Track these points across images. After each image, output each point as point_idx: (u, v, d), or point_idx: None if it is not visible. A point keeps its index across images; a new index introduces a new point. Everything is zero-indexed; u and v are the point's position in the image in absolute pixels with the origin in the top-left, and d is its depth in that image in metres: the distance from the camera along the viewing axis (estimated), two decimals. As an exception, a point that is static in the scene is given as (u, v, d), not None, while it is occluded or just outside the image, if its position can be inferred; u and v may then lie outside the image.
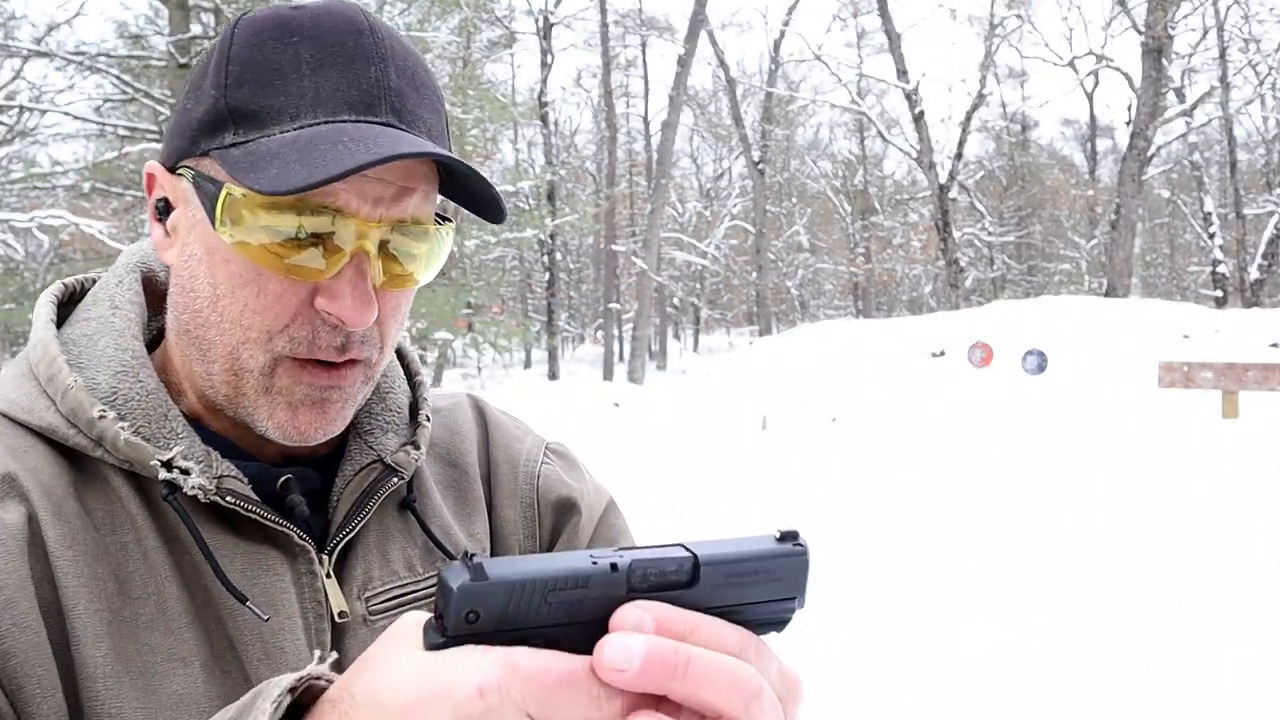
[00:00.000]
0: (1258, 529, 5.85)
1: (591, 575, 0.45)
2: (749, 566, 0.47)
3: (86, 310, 0.83)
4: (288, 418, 0.75)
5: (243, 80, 0.72)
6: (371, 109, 0.72)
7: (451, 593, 0.43)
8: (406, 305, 0.80)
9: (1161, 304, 19.14)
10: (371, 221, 0.71)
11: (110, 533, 0.72)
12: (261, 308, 0.72)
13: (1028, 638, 4.45)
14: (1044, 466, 7.90)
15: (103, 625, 0.69)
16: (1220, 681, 3.89)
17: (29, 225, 15.03)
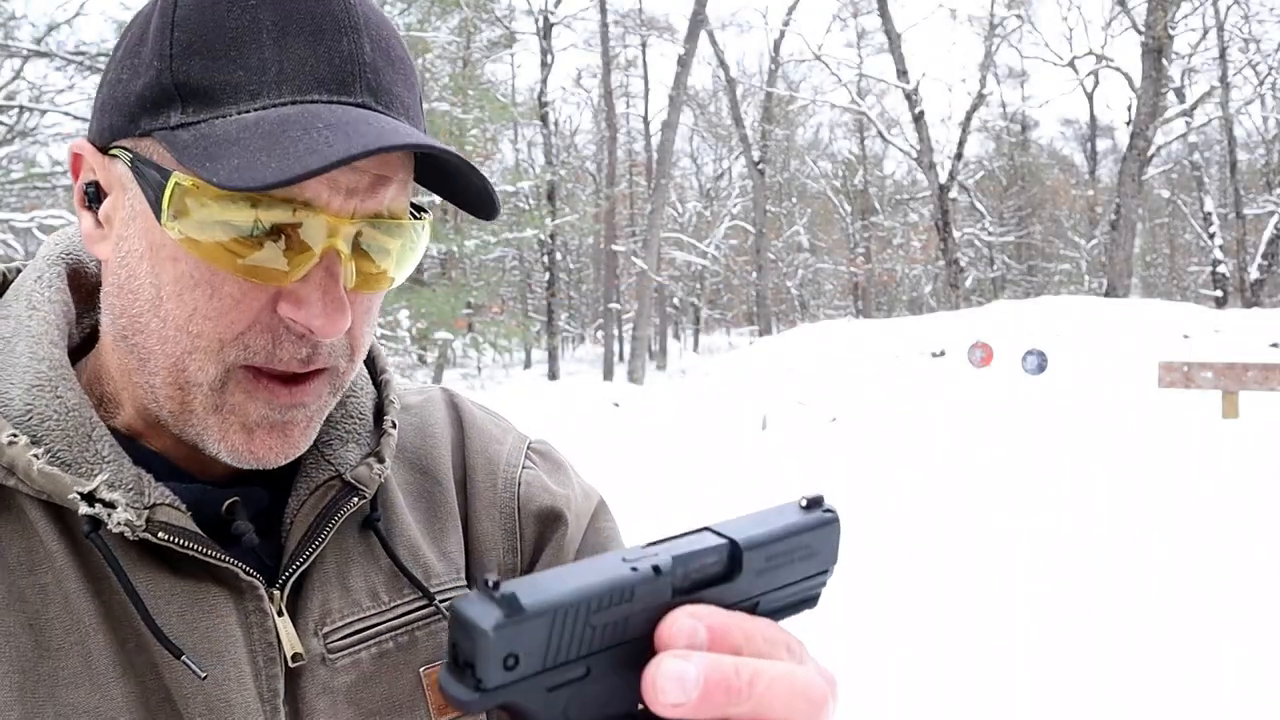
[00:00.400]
0: (1258, 529, 5.85)
1: (636, 585, 0.39)
2: (786, 545, 0.43)
3: (5, 308, 0.71)
4: (242, 441, 0.65)
5: (191, 50, 0.60)
6: (345, 87, 0.62)
7: (484, 638, 0.35)
8: (378, 307, 0.70)
9: (1161, 304, 19.14)
10: (343, 216, 0.62)
11: (27, 574, 0.62)
12: (214, 313, 0.62)
13: (1028, 638, 4.45)
14: (1044, 466, 7.90)
15: (12, 691, 0.60)
16: (1220, 681, 3.89)
17: (29, 225, 15.03)
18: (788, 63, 35.33)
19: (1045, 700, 3.84)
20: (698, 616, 0.40)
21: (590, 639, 0.38)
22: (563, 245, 35.69)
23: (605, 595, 0.38)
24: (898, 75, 25.11)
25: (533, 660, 0.36)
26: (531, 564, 0.83)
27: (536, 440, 0.90)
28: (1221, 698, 3.77)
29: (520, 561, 0.83)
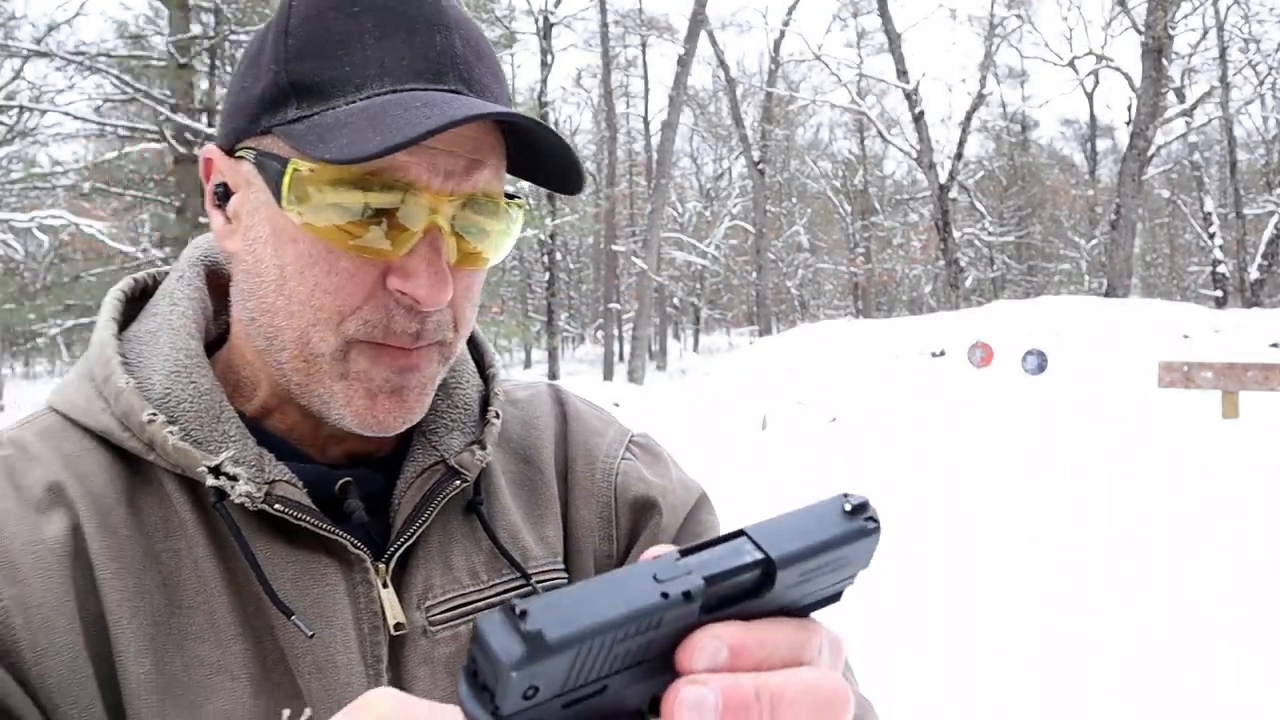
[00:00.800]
0: (1258, 529, 5.85)
1: (664, 612, 0.38)
2: (823, 560, 0.41)
3: (153, 307, 0.80)
4: (366, 406, 0.71)
5: (304, 53, 0.69)
6: (440, 77, 0.70)
7: (505, 675, 0.35)
8: (478, 287, 0.77)
9: (1161, 304, 19.13)
10: (443, 195, 0.69)
11: (163, 539, 0.70)
12: (333, 288, 0.69)
13: (1028, 637, 4.45)
14: (1044, 466, 7.90)
15: (145, 640, 0.66)
16: (1220, 681, 3.89)
17: (29, 225, 15.03)
18: (788, 63, 35.34)
19: (1045, 700, 3.84)
20: (720, 637, 0.39)
21: (613, 663, 0.37)
22: (563, 245, 35.69)
23: (632, 624, 0.37)
24: (898, 75, 25.10)
25: (552, 688, 0.36)
26: (626, 551, 0.88)
27: (638, 433, 0.95)
28: (1221, 697, 3.77)
29: (615, 549, 0.88)
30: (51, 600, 0.64)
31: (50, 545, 0.66)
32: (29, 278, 17.93)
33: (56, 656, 0.63)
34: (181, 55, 14.19)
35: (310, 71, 0.68)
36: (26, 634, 0.63)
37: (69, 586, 0.65)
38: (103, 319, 0.78)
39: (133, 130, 14.93)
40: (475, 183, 0.70)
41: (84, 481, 0.69)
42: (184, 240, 14.12)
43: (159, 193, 15.91)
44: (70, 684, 0.64)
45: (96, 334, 0.77)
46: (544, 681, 0.36)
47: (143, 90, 14.29)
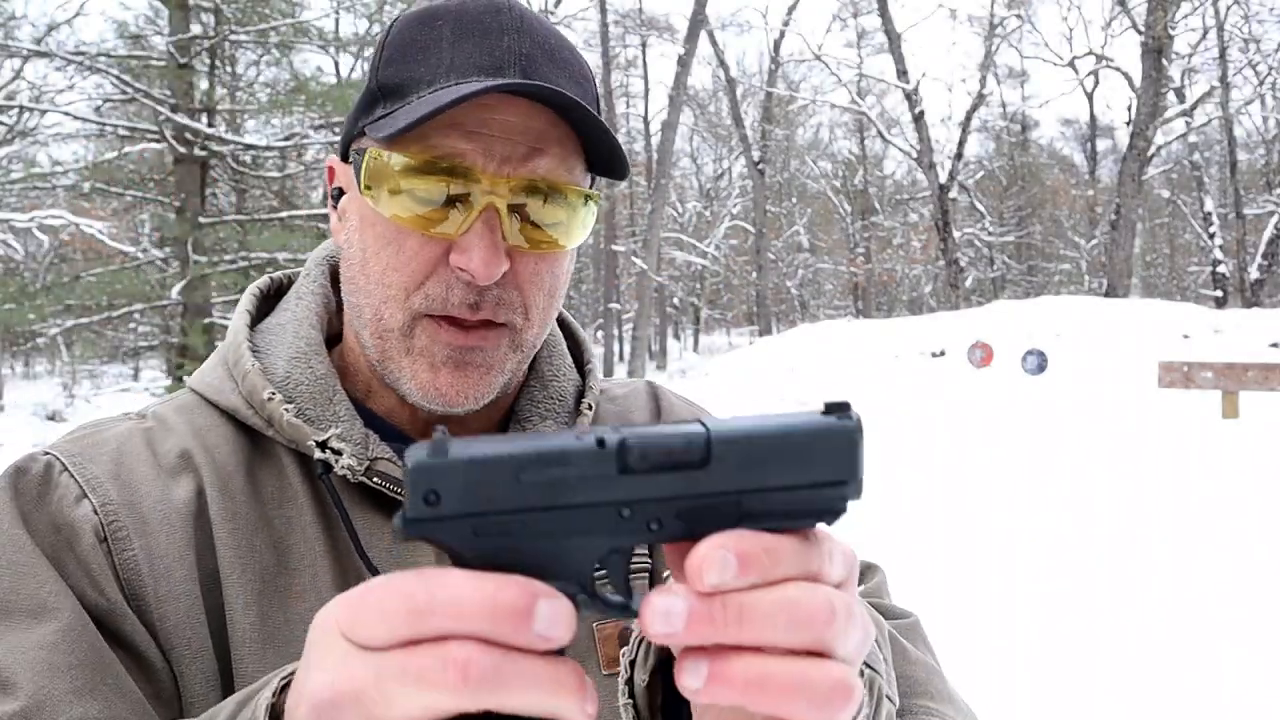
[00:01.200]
0: (1258, 529, 5.85)
1: (571, 452, 0.39)
2: (775, 443, 0.41)
3: (285, 302, 0.90)
4: (429, 378, 0.77)
5: (391, 60, 0.78)
6: (499, 71, 0.76)
7: (406, 472, 0.39)
8: (551, 274, 0.80)
9: (1161, 304, 19.14)
10: (499, 178, 0.74)
11: (277, 507, 0.78)
12: (400, 265, 0.76)
13: (1028, 637, 4.45)
14: (1044, 466, 7.90)
15: (252, 594, 0.74)
16: (1220, 681, 3.89)
17: (29, 225, 15.02)
18: (788, 63, 35.33)
19: (1045, 699, 3.84)
20: (725, 546, 0.40)
21: (519, 496, 0.39)
22: (563, 245, 35.66)
23: (534, 457, 0.39)
24: (898, 75, 25.10)
25: (452, 501, 0.39)
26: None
27: None
28: (1221, 697, 3.77)
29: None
30: (173, 552, 0.74)
31: (176, 505, 0.75)
32: (29, 278, 17.92)
33: (175, 603, 0.72)
34: (181, 55, 14.19)
35: (393, 75, 0.78)
36: (151, 581, 0.72)
37: (190, 542, 0.74)
38: (239, 311, 0.89)
39: (133, 130, 14.92)
40: (534, 169, 0.76)
41: (210, 451, 0.79)
42: (184, 240, 14.11)
43: (159, 193, 15.90)
44: (185, 628, 0.72)
45: (232, 324, 0.87)
46: (444, 489, 0.39)
47: (143, 90, 14.28)
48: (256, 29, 14.78)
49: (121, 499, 0.74)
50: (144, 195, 16.04)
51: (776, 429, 0.41)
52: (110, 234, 16.07)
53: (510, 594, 0.38)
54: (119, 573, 0.72)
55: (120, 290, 14.71)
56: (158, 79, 14.85)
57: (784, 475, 0.41)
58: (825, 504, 0.42)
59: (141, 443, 0.79)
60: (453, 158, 0.74)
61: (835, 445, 0.41)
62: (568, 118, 0.77)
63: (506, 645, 0.39)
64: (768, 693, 0.40)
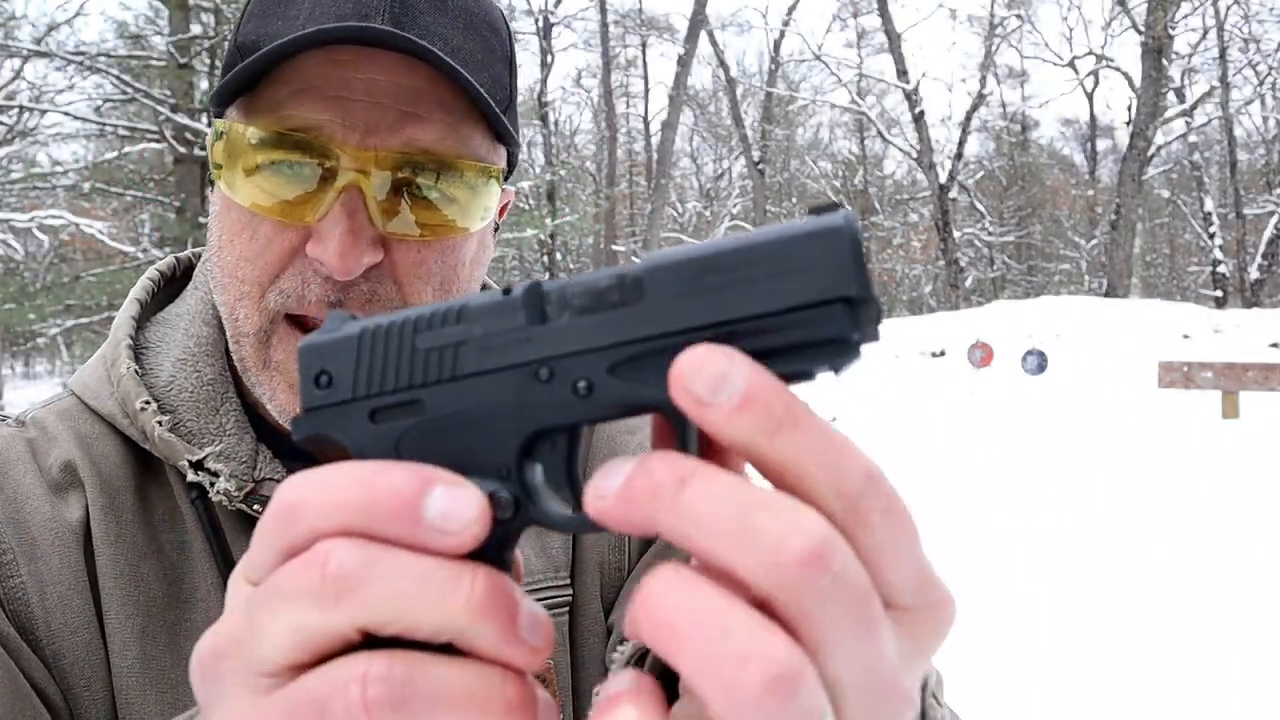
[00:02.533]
0: (1258, 529, 5.84)
1: (471, 305, 0.32)
2: (734, 258, 0.30)
3: (187, 289, 0.78)
4: (288, 400, 0.66)
5: (251, 16, 0.68)
6: (364, 17, 0.63)
7: (297, 354, 0.34)
8: (441, 264, 0.67)
9: (1161, 304, 19.14)
10: (363, 151, 0.62)
11: (168, 529, 0.67)
12: (252, 254, 0.64)
13: (1028, 637, 4.45)
14: (1044, 466, 7.89)
15: (134, 631, 0.64)
16: (1220, 680, 3.89)
17: (29, 225, 15.03)
18: (788, 63, 35.34)
19: (1045, 698, 3.84)
20: (732, 358, 0.29)
21: (418, 367, 0.33)
22: (563, 245, 35.68)
23: (431, 316, 0.33)
24: (898, 75, 25.11)
25: (345, 382, 0.34)
26: (638, 558, 0.81)
27: None
28: (1221, 697, 3.77)
29: (627, 558, 0.81)
30: (68, 579, 0.63)
31: (69, 525, 0.65)
32: (29, 278, 17.91)
33: (71, 637, 0.62)
34: (181, 55, 14.19)
35: (251, 32, 0.66)
36: (42, 612, 0.62)
37: (83, 566, 0.64)
38: (128, 299, 0.75)
39: (133, 130, 14.92)
40: (408, 138, 0.63)
41: (97, 463, 0.68)
42: (184, 240, 14.11)
43: (159, 193, 15.90)
44: (84, 666, 0.62)
45: (118, 315, 0.75)
46: (334, 367, 0.33)
47: (143, 90, 14.29)
48: (256, 29, 14.79)
49: (6, 517, 0.64)
50: (144, 195, 16.04)
51: (737, 242, 0.30)
52: (110, 234, 16.08)
53: (392, 478, 0.30)
54: (4, 603, 0.62)
55: (120, 290, 14.70)
56: (158, 79, 14.86)
57: (755, 300, 0.30)
58: (825, 331, 0.30)
59: (25, 453, 0.68)
60: (308, 128, 0.62)
61: (824, 252, 0.29)
62: (452, 76, 0.63)
63: (391, 542, 0.30)
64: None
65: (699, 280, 0.30)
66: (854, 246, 0.29)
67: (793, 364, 0.30)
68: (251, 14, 0.68)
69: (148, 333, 0.75)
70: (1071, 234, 41.54)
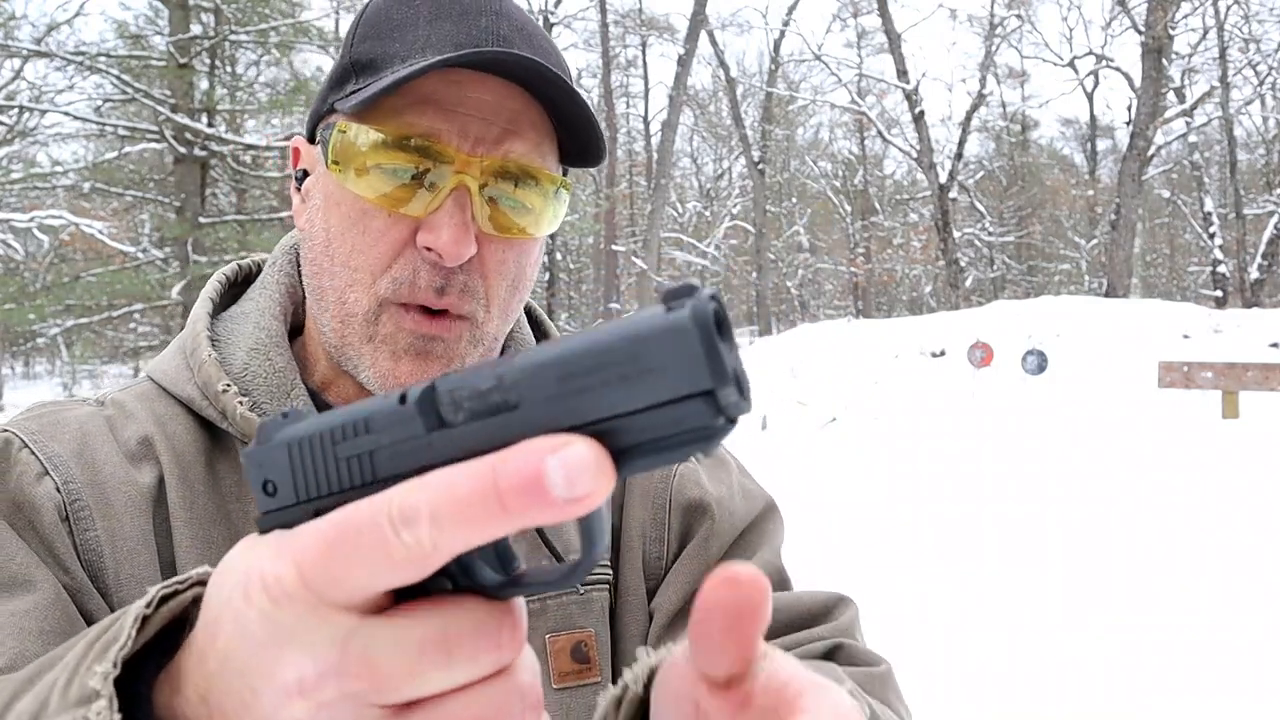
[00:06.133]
0: (1258, 529, 5.85)
1: (374, 414, 0.34)
2: (594, 361, 0.32)
3: (251, 291, 0.88)
4: (390, 366, 0.75)
5: (365, 37, 0.77)
6: (476, 46, 0.74)
7: (244, 463, 0.37)
8: (517, 264, 0.78)
9: (1161, 304, 19.13)
10: (472, 158, 0.72)
11: (235, 500, 0.76)
12: (366, 246, 0.74)
13: (1028, 637, 4.45)
14: (1044, 466, 7.89)
15: None
16: (1221, 680, 3.89)
17: (29, 225, 15.03)
18: (788, 63, 35.33)
19: (1045, 699, 3.84)
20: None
21: (340, 474, 0.35)
22: (563, 245, 35.68)
23: (342, 428, 0.35)
24: (898, 75, 25.10)
25: (285, 490, 0.36)
26: (676, 554, 0.88)
27: None
28: (1222, 696, 3.77)
29: (666, 551, 0.88)
30: (137, 536, 0.72)
31: (140, 489, 0.74)
32: (29, 278, 17.91)
33: (136, 587, 0.70)
34: (181, 55, 14.20)
35: (368, 51, 0.76)
36: (113, 563, 0.71)
37: (152, 528, 0.73)
38: (202, 298, 0.86)
39: (133, 130, 14.92)
40: (506, 151, 0.74)
41: (171, 440, 0.77)
42: (184, 240, 14.12)
43: (159, 193, 15.90)
44: None
45: (193, 312, 0.85)
46: (275, 476, 0.36)
47: (143, 90, 14.29)
48: (256, 29, 14.78)
49: (85, 478, 0.73)
50: (144, 195, 16.05)
51: (595, 342, 0.32)
52: (110, 234, 16.09)
53: (505, 460, 0.31)
54: (79, 553, 0.70)
55: (120, 290, 14.71)
56: (158, 79, 14.87)
57: (616, 402, 0.31)
58: (686, 424, 0.31)
59: (104, 427, 0.77)
60: (427, 135, 0.72)
61: (674, 348, 0.30)
62: (543, 101, 0.76)
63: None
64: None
65: (565, 384, 0.31)
66: (704, 338, 0.30)
67: (664, 453, 0.32)
68: (365, 35, 0.77)
69: (217, 328, 0.85)
70: (1071, 234, 41.53)
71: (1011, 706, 3.80)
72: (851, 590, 0.94)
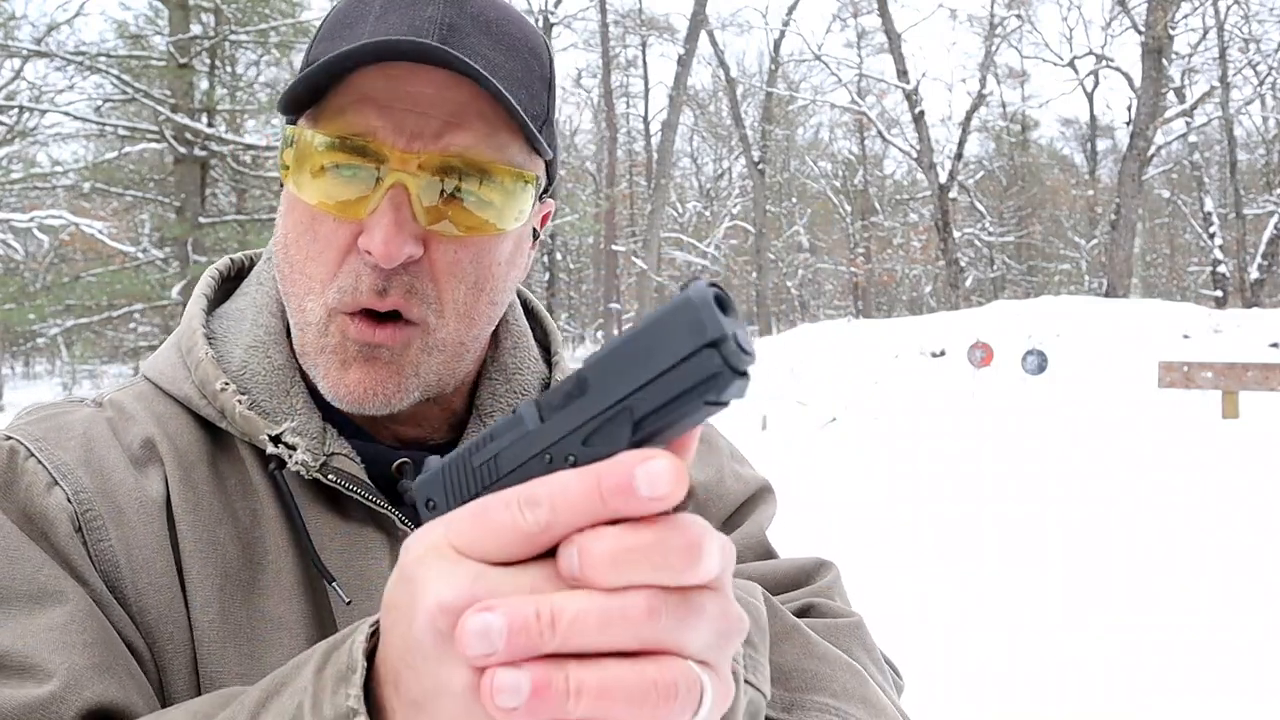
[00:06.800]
0: (1258, 529, 5.85)
1: (495, 427, 0.45)
2: (631, 343, 0.41)
3: (245, 287, 0.86)
4: (339, 376, 0.74)
5: (322, 36, 0.76)
6: (417, 37, 0.71)
7: (412, 492, 0.48)
8: (475, 264, 0.74)
9: (1161, 304, 19.13)
10: (409, 154, 0.70)
11: (241, 498, 0.75)
12: (316, 253, 0.73)
13: (1028, 637, 4.45)
14: (1044, 466, 7.90)
15: (213, 590, 0.71)
16: (1221, 680, 3.89)
17: (29, 225, 15.03)
18: (788, 63, 35.34)
19: (1045, 699, 3.84)
20: (570, 553, 0.40)
21: (476, 479, 0.45)
22: (563, 245, 35.70)
23: (475, 443, 0.46)
24: (898, 75, 25.11)
25: (442, 503, 0.46)
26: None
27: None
28: (1221, 697, 3.77)
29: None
30: (152, 543, 0.71)
31: (150, 495, 0.72)
32: (29, 278, 17.92)
33: (155, 595, 0.69)
34: (181, 55, 14.20)
35: (318, 51, 0.75)
36: (129, 573, 0.69)
37: (165, 533, 0.72)
38: (195, 295, 0.84)
39: (133, 130, 14.92)
40: (446, 145, 0.71)
41: (173, 439, 0.76)
42: (184, 240, 14.13)
43: (159, 193, 15.91)
44: (167, 622, 0.69)
45: (188, 309, 0.83)
46: (434, 493, 0.47)
47: (143, 90, 14.29)
48: (256, 29, 14.78)
49: (95, 487, 0.71)
50: (144, 195, 16.05)
51: (632, 332, 0.41)
52: (110, 234, 16.09)
53: (606, 470, 0.39)
54: (96, 564, 0.69)
55: (120, 290, 14.72)
56: (158, 79, 14.87)
57: (649, 368, 0.40)
58: (700, 373, 0.39)
59: (107, 430, 0.75)
60: (364, 134, 0.70)
61: (681, 317, 0.39)
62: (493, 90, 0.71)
63: (619, 518, 0.40)
64: (599, 700, 0.38)
65: (615, 365, 0.41)
66: (704, 307, 0.38)
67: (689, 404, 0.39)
68: (322, 36, 0.76)
69: (213, 325, 0.83)
70: (1071, 234, 41.54)
71: (1011, 706, 3.80)
72: (851, 590, 0.94)
